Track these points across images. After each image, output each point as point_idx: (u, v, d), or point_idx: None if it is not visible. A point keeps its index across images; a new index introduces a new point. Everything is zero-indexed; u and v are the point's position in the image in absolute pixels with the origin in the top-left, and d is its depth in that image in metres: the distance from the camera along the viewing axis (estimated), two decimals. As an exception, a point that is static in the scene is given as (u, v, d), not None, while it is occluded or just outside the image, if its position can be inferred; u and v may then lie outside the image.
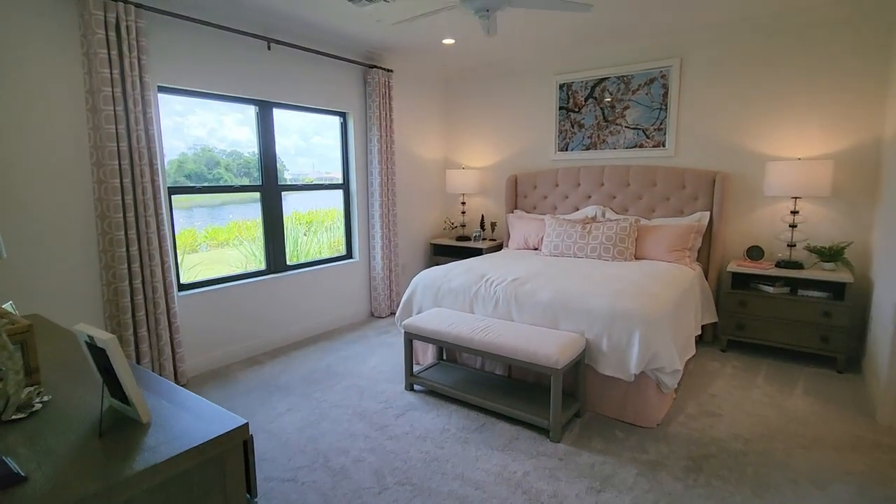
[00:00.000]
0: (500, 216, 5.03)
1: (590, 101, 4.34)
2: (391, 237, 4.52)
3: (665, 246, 3.61)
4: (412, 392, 2.96)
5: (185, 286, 3.28)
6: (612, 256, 3.66)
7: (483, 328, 2.71)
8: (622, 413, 2.58)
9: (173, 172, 3.26)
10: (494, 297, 3.00)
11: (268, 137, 3.68)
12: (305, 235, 4.66)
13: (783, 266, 3.37)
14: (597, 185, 4.25)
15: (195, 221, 3.61)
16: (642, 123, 4.11)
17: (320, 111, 4.08)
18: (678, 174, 3.85)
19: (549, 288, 2.88)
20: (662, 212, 3.94)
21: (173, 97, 3.15)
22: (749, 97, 3.61)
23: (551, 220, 4.06)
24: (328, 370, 3.33)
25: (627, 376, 2.46)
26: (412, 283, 3.40)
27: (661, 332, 2.45)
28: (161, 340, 2.93)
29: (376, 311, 4.53)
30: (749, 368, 3.25)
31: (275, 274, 3.78)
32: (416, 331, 2.89)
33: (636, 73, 4.07)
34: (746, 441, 2.37)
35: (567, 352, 2.40)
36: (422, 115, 5.01)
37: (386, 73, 4.32)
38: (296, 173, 4.15)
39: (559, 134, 4.55)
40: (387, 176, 4.43)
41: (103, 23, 2.55)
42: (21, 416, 1.05)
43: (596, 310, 2.61)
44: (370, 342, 3.89)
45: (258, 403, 2.85)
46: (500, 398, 2.67)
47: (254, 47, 3.44)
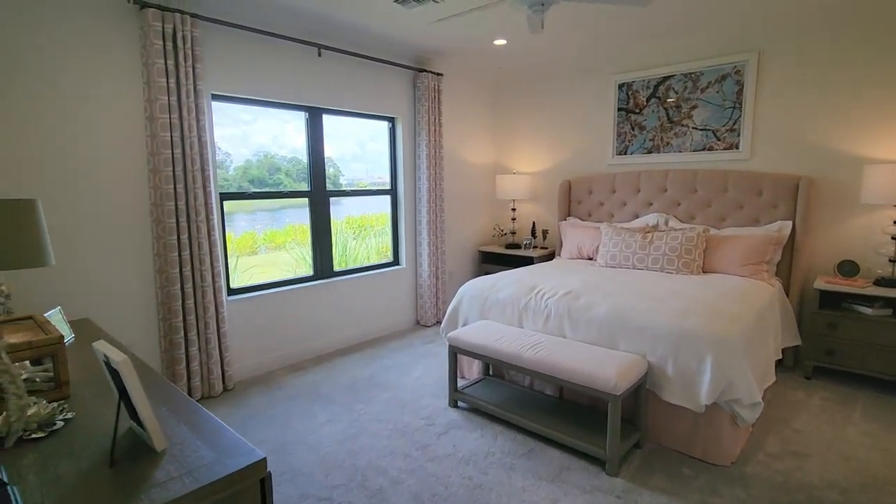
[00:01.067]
0: (552, 223, 4.80)
1: (652, 101, 4.04)
2: (438, 244, 4.41)
3: (738, 258, 3.25)
4: (456, 409, 2.81)
5: (234, 290, 3.32)
6: (677, 269, 3.35)
7: (533, 345, 2.52)
8: (690, 447, 2.30)
9: (238, 178, 3.39)
10: (545, 310, 2.80)
11: (317, 143, 3.68)
12: (355, 240, 4.67)
13: (884, 284, 2.93)
14: (659, 190, 3.93)
15: (255, 225, 3.73)
16: (712, 124, 3.76)
17: (369, 116, 4.05)
18: (754, 179, 3.48)
19: (606, 303, 2.64)
20: (735, 220, 3.57)
21: (237, 106, 3.26)
22: (843, 91, 3.20)
23: (608, 229, 3.80)
24: (371, 380, 3.25)
25: (697, 407, 2.19)
26: (458, 293, 3.26)
27: (737, 357, 2.16)
28: (210, 344, 2.96)
29: (422, 319, 4.43)
30: (842, 401, 2.84)
31: (322, 280, 3.77)
32: (461, 344, 2.74)
33: (706, 70, 3.73)
34: (844, 490, 2.03)
35: (627, 376, 2.17)
36: (471, 119, 4.88)
37: (436, 77, 4.23)
38: (351, 178, 4.18)
39: (617, 137, 4.27)
40: (434, 181, 4.33)
41: (161, 33, 2.62)
42: (41, 435, 1.00)
43: (660, 329, 2.35)
44: (415, 352, 3.78)
45: (299, 412, 2.80)
46: (550, 421, 2.47)
47: (304, 54, 3.45)
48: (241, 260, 3.62)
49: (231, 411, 2.83)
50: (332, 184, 4.01)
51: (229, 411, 2.83)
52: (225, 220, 3.23)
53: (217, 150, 3.21)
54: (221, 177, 3.28)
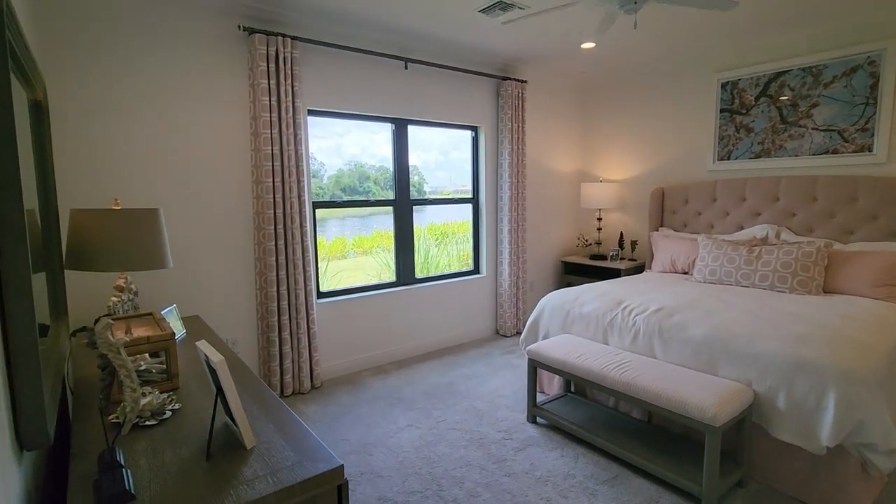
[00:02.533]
0: (641, 234, 4.51)
1: (762, 99, 3.64)
2: (519, 253, 4.33)
3: (871, 278, 2.81)
4: (534, 424, 2.72)
5: (323, 294, 3.51)
6: (791, 288, 2.97)
7: (619, 364, 2.37)
8: (806, 493, 2.01)
9: (332, 186, 3.59)
10: (633, 328, 2.62)
11: (402, 153, 3.80)
12: (437, 247, 4.74)
13: None
14: (770, 199, 3.53)
15: (345, 230, 3.96)
16: (838, 123, 3.30)
17: (453, 126, 4.10)
18: (892, 186, 2.99)
19: (704, 323, 2.41)
20: (866, 234, 3.10)
21: (332, 120, 3.48)
22: None
23: (707, 241, 3.48)
24: (449, 387, 3.25)
25: (816, 448, 1.91)
26: (539, 305, 3.17)
27: (870, 394, 1.85)
28: (301, 344, 3.16)
29: (501, 329, 4.37)
30: None
31: (404, 286, 3.86)
32: (541, 358, 2.65)
33: (830, 63, 3.29)
34: None
35: (728, 406, 1.95)
36: (555, 126, 4.75)
37: (519, 85, 4.18)
38: (435, 186, 4.28)
39: (719, 140, 3.90)
40: (517, 189, 4.27)
41: (266, 56, 2.86)
42: (153, 423, 1.11)
43: (769, 355, 2.09)
44: (493, 362, 3.74)
45: (381, 415, 2.88)
46: (637, 447, 2.29)
47: (391, 67, 3.58)
48: (331, 264, 3.85)
49: (318, 408, 2.99)
50: (416, 191, 4.12)
51: (317, 408, 2.99)
52: (317, 226, 3.44)
53: (312, 161, 3.45)
54: (316, 185, 3.51)
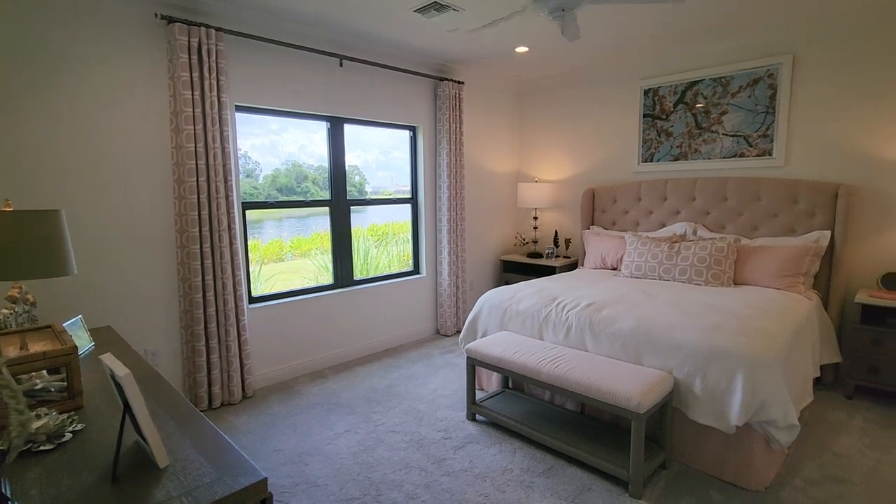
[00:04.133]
0: (574, 232, 4.70)
1: (680, 106, 3.92)
2: (459, 253, 4.37)
3: (773, 270, 3.10)
4: (474, 422, 2.75)
5: (255, 299, 3.35)
6: (706, 280, 3.21)
7: (553, 358, 2.45)
8: (720, 470, 2.18)
9: (267, 186, 3.47)
10: (566, 323, 2.72)
11: (338, 153, 3.71)
12: (377, 248, 4.68)
13: (933, 299, 2.74)
14: (687, 199, 3.80)
15: (283, 232, 3.82)
16: (743, 130, 3.61)
17: (390, 126, 4.06)
18: (789, 187, 3.32)
19: (631, 316, 2.55)
20: (768, 230, 3.42)
21: (266, 117, 3.36)
22: (881, 93, 3.03)
23: (633, 238, 3.69)
24: (389, 390, 3.22)
25: (727, 427, 2.07)
26: (478, 304, 3.21)
27: (772, 375, 2.04)
28: (230, 352, 2.99)
29: (442, 328, 4.39)
30: (886, 423, 2.65)
31: (342, 289, 3.78)
32: (479, 356, 2.69)
33: (737, 74, 3.60)
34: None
35: (651, 393, 2.07)
36: (493, 127, 4.84)
37: (457, 86, 4.22)
38: (377, 186, 4.24)
39: (643, 144, 4.15)
40: (455, 190, 4.30)
41: (187, 47, 2.68)
42: (49, 448, 1.00)
43: (687, 345, 2.24)
44: (434, 362, 3.74)
45: (317, 422, 2.79)
46: (571, 438, 2.38)
47: (326, 64, 3.49)
48: (267, 267, 3.69)
49: (250, 419, 2.85)
50: (357, 192, 4.08)
51: (248, 419, 2.85)
52: (247, 228, 3.27)
53: (246, 160, 3.30)
54: (250, 185, 3.37)
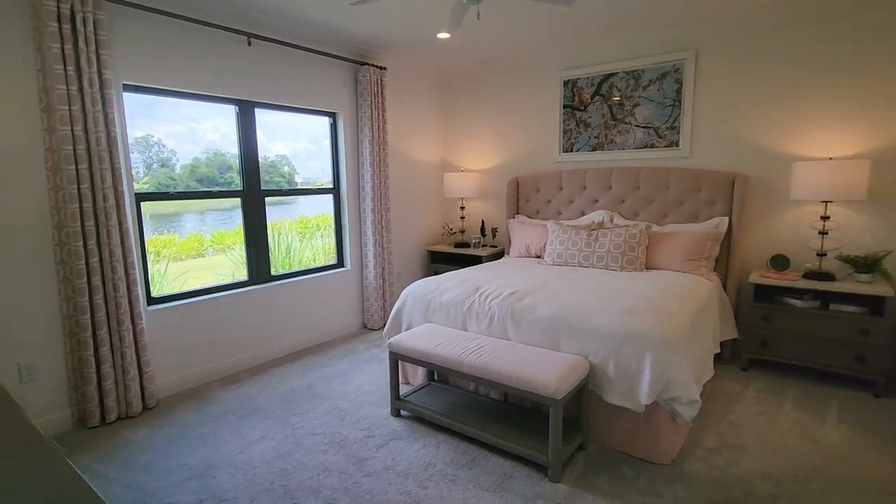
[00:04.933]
0: (501, 221, 4.75)
1: (596, 98, 4.04)
2: (384, 244, 4.26)
3: (679, 255, 3.30)
4: (398, 418, 2.68)
5: (157, 299, 3.04)
6: (621, 266, 3.36)
7: (475, 349, 2.43)
8: (631, 447, 2.28)
9: (186, 177, 3.26)
10: (489, 312, 2.71)
11: (249, 139, 3.44)
12: (300, 241, 4.45)
13: (812, 277, 3.04)
14: (604, 188, 3.95)
15: (203, 226, 3.58)
16: (653, 122, 3.80)
17: (308, 111, 3.84)
18: (693, 176, 3.54)
19: (551, 303, 2.59)
20: (676, 217, 3.63)
21: (180, 101, 3.10)
22: (772, 91, 3.29)
23: (555, 227, 3.77)
24: (310, 390, 3.07)
25: (637, 407, 2.16)
26: (402, 296, 3.13)
27: (677, 356, 2.15)
28: (126, 360, 2.69)
29: (369, 322, 4.27)
30: (775, 391, 2.92)
31: (258, 285, 3.54)
32: (402, 350, 2.62)
33: (647, 68, 3.77)
34: (777, 482, 2.06)
35: (568, 379, 2.11)
36: (417, 116, 4.75)
37: (378, 71, 4.07)
38: (307, 177, 4.08)
39: (564, 134, 4.26)
40: (380, 179, 4.17)
41: (56, 14, 2.32)
42: None
43: (602, 329, 2.31)
44: (359, 357, 3.62)
45: (229, 430, 2.59)
46: (494, 427, 2.39)
47: (232, 43, 3.21)
48: (178, 265, 3.39)
49: (151, 433, 2.59)
50: (287, 182, 3.91)
51: (149, 433, 2.58)
52: (160, 222, 2.96)
53: (161, 148, 3.10)
54: (166, 175, 3.14)
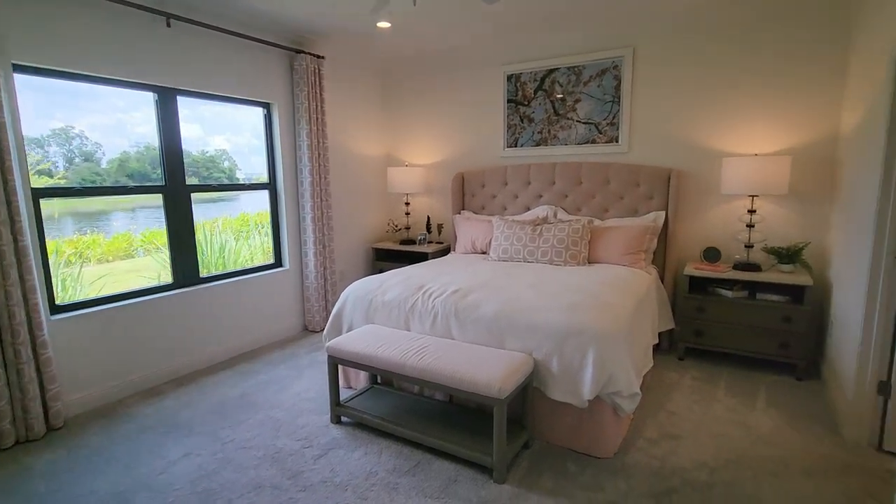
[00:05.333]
0: (447, 217, 4.68)
1: (539, 93, 4.05)
2: (326, 242, 4.07)
3: (620, 248, 3.36)
4: (338, 425, 2.54)
5: (63, 307, 2.72)
6: (565, 261, 3.37)
7: (418, 350, 2.33)
8: (575, 442, 2.27)
9: (114, 172, 3.03)
10: (433, 311, 2.63)
11: (171, 129, 3.16)
12: (236, 240, 4.18)
13: (741, 268, 3.18)
14: (548, 183, 3.96)
15: (132, 224, 3.32)
16: (594, 118, 3.85)
17: (239, 101, 3.58)
18: (632, 171, 3.62)
19: (495, 300, 2.54)
20: (616, 212, 3.70)
21: (111, 89, 2.87)
22: (704, 89, 3.41)
23: (499, 222, 3.74)
24: (243, 400, 2.86)
25: (580, 402, 2.15)
26: (342, 296, 2.98)
27: (618, 350, 2.16)
28: (24, 377, 2.38)
29: (310, 324, 4.07)
30: (709, 379, 3.03)
31: (184, 288, 3.26)
32: (341, 354, 2.48)
33: (588, 64, 3.81)
34: (712, 470, 2.11)
35: (512, 377, 2.06)
36: (359, 108, 4.57)
37: (316, 60, 3.87)
38: (249, 173, 3.85)
39: (508, 129, 4.24)
40: (319, 174, 3.98)
41: (-80, -22, 1.99)
42: None
43: (545, 326, 2.28)
44: (299, 362, 3.43)
45: (148, 449, 2.35)
46: (438, 430, 2.30)
47: (148, 23, 2.92)
48: (97, 268, 3.11)
49: (56, 457, 2.30)
50: (228, 178, 3.71)
51: (53, 458, 2.30)
52: (42, 220, 2.63)
53: (84, 140, 2.87)
54: (90, 171, 2.89)
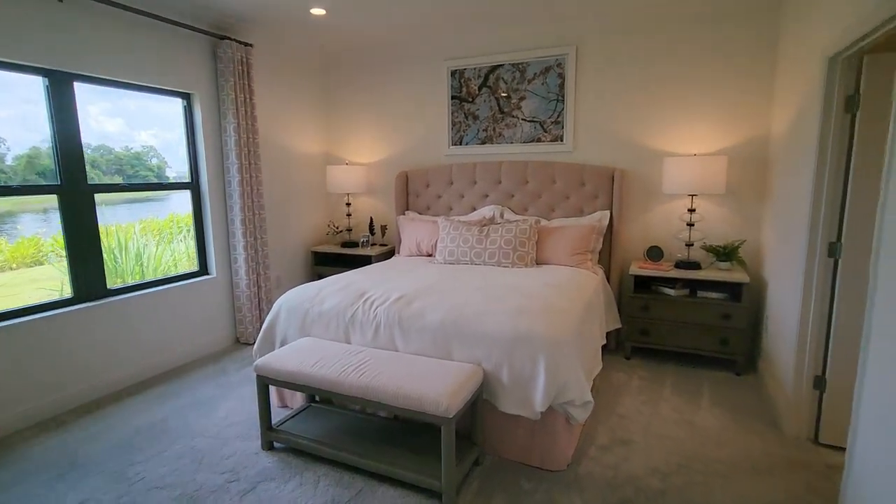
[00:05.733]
0: (391, 218, 4.47)
1: (484, 89, 3.94)
2: (259, 246, 3.74)
3: (567, 249, 3.30)
4: (271, 452, 2.29)
5: (-73, 331, 2.27)
6: (512, 262, 3.28)
7: (358, 365, 2.13)
8: (528, 456, 2.16)
9: (21, 170, 2.69)
10: (375, 321, 2.43)
11: (67, 121, 2.74)
12: (157, 246, 3.77)
13: (682, 267, 3.22)
14: (494, 182, 3.86)
15: (42, 227, 2.94)
16: (539, 116, 3.79)
17: (151, 90, 3.19)
18: (577, 171, 3.58)
19: (441, 307, 2.38)
20: (562, 211, 3.66)
21: (13, 75, 2.48)
22: (646, 89, 3.43)
23: (445, 223, 3.59)
24: (159, 428, 2.52)
25: (533, 414, 2.04)
26: (274, 307, 2.71)
27: (570, 357, 2.06)
28: None
29: (242, 336, 3.73)
30: (655, 378, 3.04)
31: (88, 303, 2.85)
32: (271, 373, 2.22)
33: (532, 61, 3.73)
34: (664, 476, 2.07)
35: (460, 393, 1.91)
36: (296, 102, 4.26)
37: (243, 48, 3.53)
38: (181, 171, 3.51)
39: (453, 126, 4.10)
40: (250, 173, 3.65)
41: None
42: None
43: (494, 333, 2.15)
44: (228, 379, 3.11)
45: (38, 495, 1.99)
46: (382, 452, 2.11)
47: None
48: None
49: (-88, 516, 1.89)
50: (156, 177, 3.38)
51: None
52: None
53: None
54: None
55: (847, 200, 2.06)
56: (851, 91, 2.03)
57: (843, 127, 2.06)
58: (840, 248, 2.09)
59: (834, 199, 2.12)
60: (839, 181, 2.10)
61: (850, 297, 2.08)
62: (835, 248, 2.13)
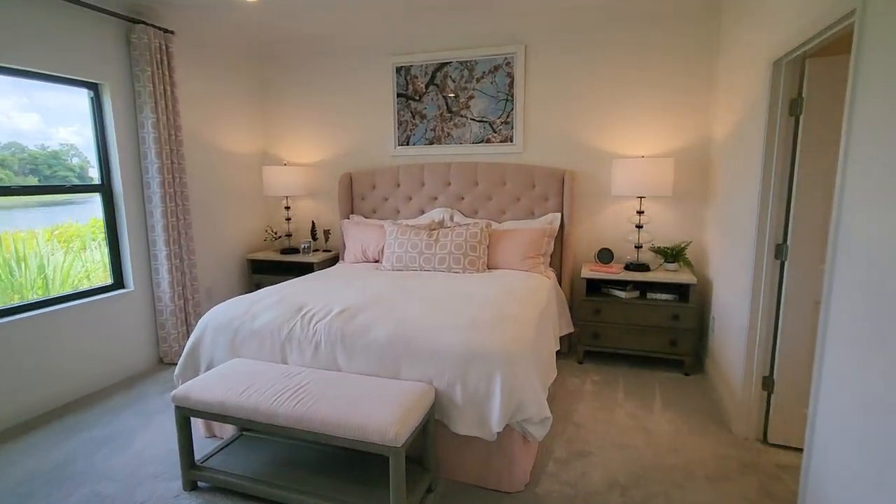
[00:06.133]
0: (334, 223, 4.21)
1: (431, 88, 3.78)
2: (184, 255, 3.38)
3: (519, 253, 3.21)
4: (195, 493, 2.00)
5: None
6: (463, 268, 3.14)
7: (294, 390, 1.90)
8: (483, 478, 2.02)
9: None
10: (314, 338, 2.20)
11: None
12: (65, 255, 3.31)
13: (632, 269, 3.21)
14: (443, 184, 3.71)
15: None
16: (488, 116, 3.68)
17: (49, 79, 2.77)
18: (527, 172, 3.50)
19: (388, 321, 2.19)
20: (513, 214, 3.56)
21: None
22: (594, 90, 3.40)
23: (392, 227, 3.40)
24: (60, 471, 2.16)
25: (489, 435, 1.89)
26: (199, 326, 2.41)
27: (526, 372, 1.94)
28: None
29: (166, 355, 3.35)
30: (607, 382, 3.00)
31: (-31, 326, 2.42)
32: (192, 404, 1.94)
33: (480, 59, 3.61)
34: (623, 489, 1.99)
35: (410, 417, 1.73)
36: (227, 97, 3.91)
37: (162, 34, 3.17)
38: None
39: (399, 125, 3.90)
40: (172, 174, 3.28)
41: None
42: None
43: (445, 349, 1.99)
44: (147, 406, 2.76)
45: None
46: (323, 486, 1.90)
47: None
48: None
49: None
50: (78, 178, 3.00)
51: None
52: None
53: None
54: None
55: (792, 202, 2.08)
56: (795, 94, 2.05)
57: (787, 130, 2.08)
58: (786, 250, 2.11)
59: (780, 201, 2.13)
60: (784, 183, 2.11)
61: (796, 298, 2.09)
62: (781, 249, 2.14)
